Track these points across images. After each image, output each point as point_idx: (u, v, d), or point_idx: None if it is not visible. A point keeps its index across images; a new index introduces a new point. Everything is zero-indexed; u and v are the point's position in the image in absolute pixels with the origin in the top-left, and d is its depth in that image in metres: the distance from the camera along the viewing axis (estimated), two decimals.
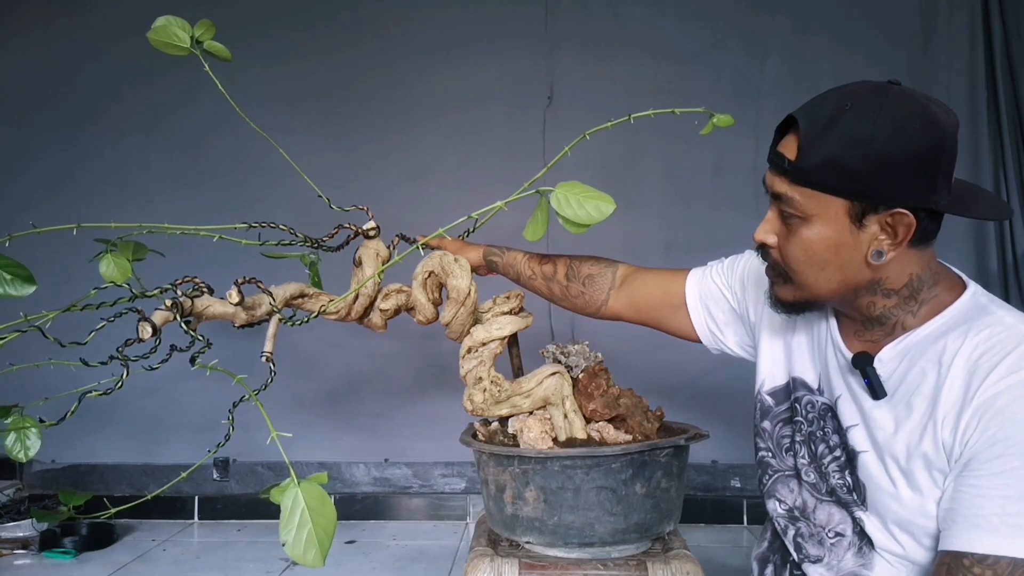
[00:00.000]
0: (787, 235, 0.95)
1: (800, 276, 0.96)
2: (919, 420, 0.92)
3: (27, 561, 2.26)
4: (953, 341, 0.91)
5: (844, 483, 1.01)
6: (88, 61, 2.69)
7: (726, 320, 1.23)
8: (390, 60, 2.65)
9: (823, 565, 1.05)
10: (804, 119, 0.91)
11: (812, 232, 0.92)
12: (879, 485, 0.96)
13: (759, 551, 1.19)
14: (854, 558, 1.01)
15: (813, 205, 0.91)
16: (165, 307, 1.05)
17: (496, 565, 1.20)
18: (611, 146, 2.50)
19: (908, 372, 0.94)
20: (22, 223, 1.11)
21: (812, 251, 0.93)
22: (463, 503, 2.66)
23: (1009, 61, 2.46)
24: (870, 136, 0.86)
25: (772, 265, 1.00)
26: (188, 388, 2.53)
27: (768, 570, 1.15)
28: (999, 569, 0.83)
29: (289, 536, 0.81)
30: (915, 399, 0.93)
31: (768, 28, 2.56)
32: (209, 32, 1.18)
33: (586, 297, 1.33)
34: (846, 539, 1.02)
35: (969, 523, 0.86)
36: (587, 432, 1.27)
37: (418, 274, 1.33)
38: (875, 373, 0.96)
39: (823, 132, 0.89)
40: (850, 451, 1.00)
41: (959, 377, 0.89)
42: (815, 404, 1.06)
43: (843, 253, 0.92)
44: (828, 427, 1.04)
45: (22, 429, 0.99)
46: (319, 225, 1.34)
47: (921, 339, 0.94)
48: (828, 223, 0.91)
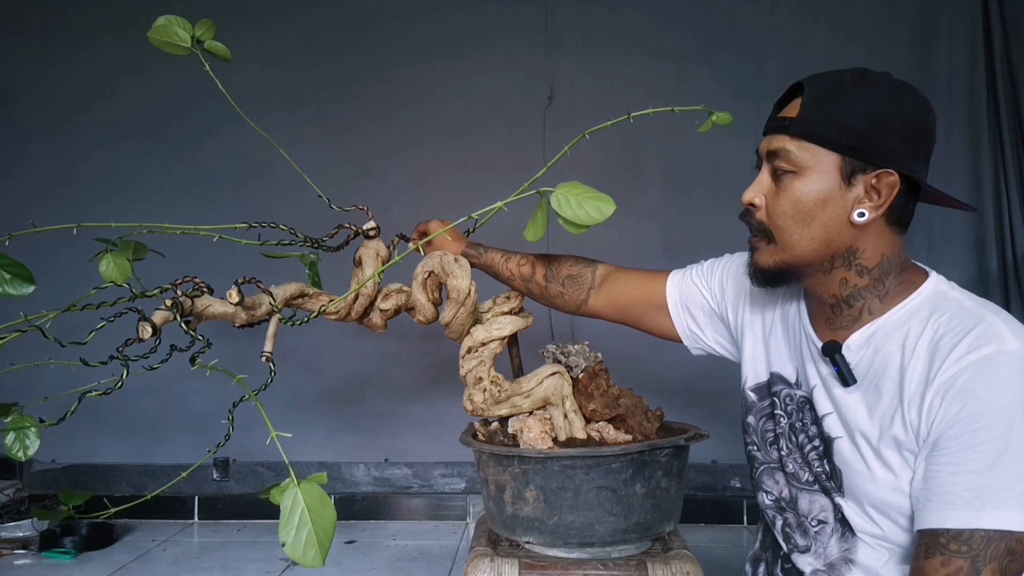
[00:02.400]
0: (776, 193, 0.99)
1: (784, 233, 0.99)
2: (888, 403, 0.95)
3: (27, 561, 2.26)
4: (916, 326, 0.95)
5: (823, 470, 1.04)
6: (88, 60, 2.69)
7: (706, 321, 1.26)
8: (390, 60, 2.65)
9: (811, 554, 1.07)
10: (809, 83, 0.98)
11: (804, 186, 0.96)
12: (854, 469, 0.99)
13: (752, 551, 1.21)
14: (838, 544, 1.03)
15: (808, 157, 0.96)
16: (165, 307, 1.05)
17: (496, 565, 1.20)
18: (611, 146, 2.50)
19: (875, 358, 0.98)
20: (22, 223, 1.11)
21: (800, 204, 0.97)
22: (463, 503, 2.67)
23: (1009, 61, 2.46)
24: (870, 98, 0.94)
25: (756, 227, 1.02)
26: (188, 388, 2.53)
27: (761, 569, 1.17)
28: (974, 543, 0.85)
29: (289, 536, 0.81)
30: (883, 383, 0.96)
31: (768, 28, 2.56)
32: (210, 32, 1.18)
33: (566, 297, 1.36)
34: (828, 526, 1.05)
35: (941, 500, 0.88)
36: (587, 432, 1.27)
37: (418, 274, 1.33)
38: (844, 360, 1.00)
39: (827, 92, 0.96)
40: (826, 439, 1.03)
41: (922, 359, 0.93)
42: (793, 397, 1.10)
43: (829, 208, 0.96)
44: (807, 418, 1.07)
45: (21, 428, 0.99)
46: (319, 225, 1.34)
47: (887, 325, 0.98)
48: (820, 176, 0.96)
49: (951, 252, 2.49)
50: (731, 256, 1.26)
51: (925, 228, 2.47)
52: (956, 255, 2.49)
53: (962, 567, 0.85)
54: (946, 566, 0.86)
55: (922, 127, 0.96)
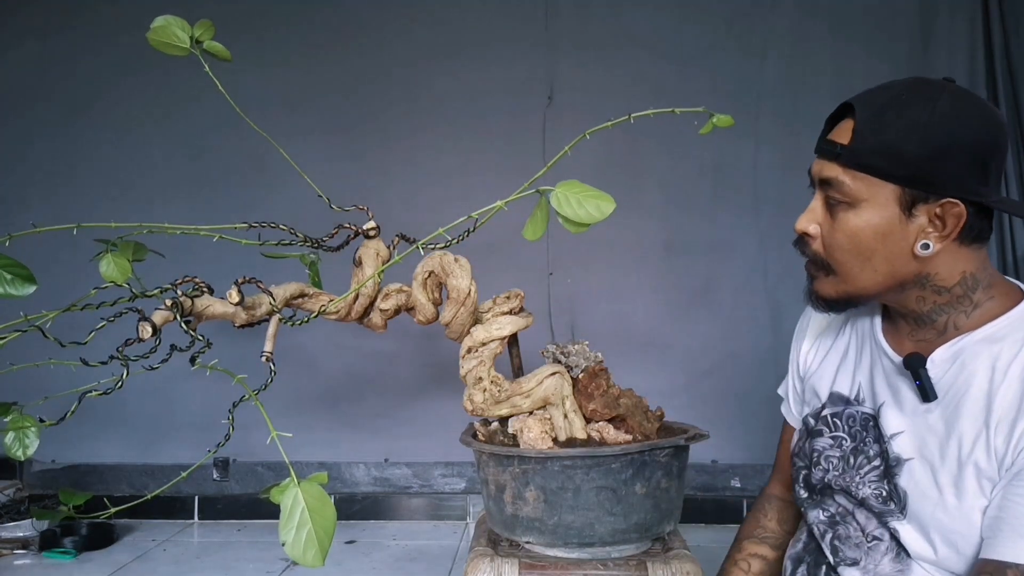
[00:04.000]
0: (832, 224, 0.93)
1: (844, 267, 0.94)
2: (970, 426, 0.89)
3: (27, 561, 2.26)
4: (1009, 347, 0.89)
5: (879, 493, 0.98)
6: (88, 60, 2.69)
7: None
8: (390, 60, 2.65)
9: (859, 568, 1.01)
10: (860, 105, 0.90)
11: (860, 219, 0.91)
12: (925, 493, 0.93)
13: (793, 551, 1.14)
14: (891, 563, 0.98)
15: (864, 190, 0.90)
16: (165, 307, 1.05)
17: (496, 565, 1.20)
18: (611, 146, 2.50)
19: (960, 375, 0.92)
20: (22, 223, 1.11)
21: (858, 239, 0.91)
22: (463, 503, 2.66)
23: (1009, 61, 2.46)
24: (927, 122, 0.86)
25: (812, 258, 0.98)
26: (188, 388, 2.53)
27: (801, 570, 1.11)
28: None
29: (289, 536, 0.81)
30: (965, 403, 0.90)
31: (767, 28, 2.56)
32: (209, 32, 1.18)
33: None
34: (883, 544, 0.99)
35: (1015, 532, 0.83)
36: (587, 432, 1.27)
37: (418, 274, 1.33)
38: (927, 375, 0.93)
39: (880, 116, 0.88)
40: (892, 459, 0.97)
41: (1015, 384, 0.87)
42: (856, 416, 1.04)
43: (890, 243, 0.90)
44: (869, 437, 1.01)
45: (21, 428, 0.99)
46: (319, 225, 1.34)
47: (976, 342, 0.91)
48: (877, 210, 0.90)
49: None
50: (793, 343, 1.20)
51: None
52: None
53: None
54: None
55: (989, 147, 0.88)
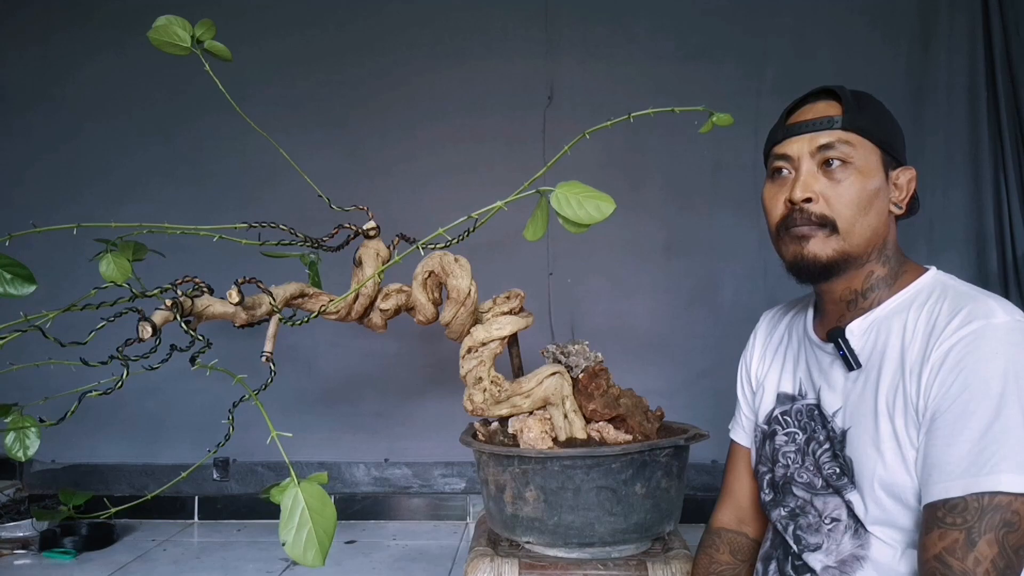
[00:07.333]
0: (833, 183, 1.02)
1: (848, 222, 1.01)
2: (889, 383, 0.98)
3: (27, 561, 2.26)
4: (915, 310, 1.00)
5: (833, 472, 1.05)
6: (88, 61, 2.69)
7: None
8: (390, 60, 2.65)
9: (822, 552, 1.07)
10: (838, 88, 1.04)
11: (862, 175, 1.01)
12: (866, 454, 1.00)
13: (763, 551, 1.20)
14: (851, 540, 1.03)
15: (861, 151, 1.01)
16: (165, 307, 1.05)
17: (496, 565, 1.20)
18: (611, 146, 2.50)
19: (877, 341, 1.02)
20: (22, 223, 1.11)
21: (863, 193, 1.01)
22: (463, 503, 2.66)
23: (1009, 61, 2.46)
24: (881, 103, 1.05)
25: (818, 219, 1.02)
26: (188, 388, 2.52)
27: (772, 567, 1.16)
28: (969, 514, 0.86)
29: (289, 536, 0.81)
30: (885, 365, 1.00)
31: (768, 28, 2.56)
32: (210, 32, 1.18)
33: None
34: (842, 523, 1.05)
35: (939, 472, 0.90)
36: (587, 432, 1.27)
37: (418, 274, 1.33)
38: (847, 344, 1.03)
39: (856, 95, 1.03)
40: (837, 436, 1.05)
41: (919, 339, 0.97)
42: (803, 410, 1.12)
43: (879, 200, 1.02)
44: (817, 424, 1.09)
45: (21, 428, 0.99)
46: (319, 225, 1.34)
47: (887, 312, 1.03)
48: (871, 169, 1.02)
49: (951, 252, 2.49)
50: (741, 361, 1.30)
51: (925, 228, 2.47)
52: (956, 255, 2.49)
53: (958, 539, 0.85)
54: (943, 539, 0.86)
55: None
